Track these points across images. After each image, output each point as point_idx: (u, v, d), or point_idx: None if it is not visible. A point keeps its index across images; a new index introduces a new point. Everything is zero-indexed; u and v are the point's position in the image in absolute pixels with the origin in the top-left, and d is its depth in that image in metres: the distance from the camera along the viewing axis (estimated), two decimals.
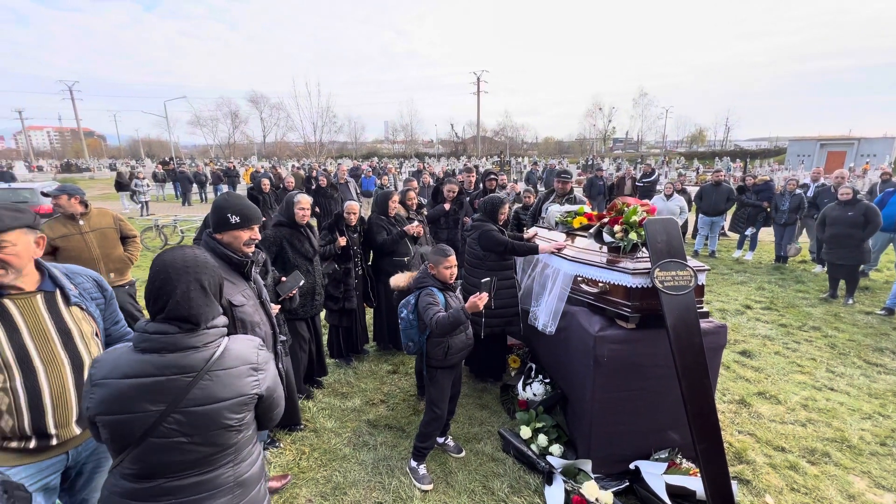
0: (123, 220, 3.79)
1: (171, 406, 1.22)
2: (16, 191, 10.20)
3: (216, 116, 53.13)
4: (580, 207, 3.67)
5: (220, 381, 1.27)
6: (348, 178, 10.22)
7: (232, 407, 1.28)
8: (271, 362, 1.45)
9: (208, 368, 1.26)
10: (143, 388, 1.22)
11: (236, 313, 1.85)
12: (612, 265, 2.60)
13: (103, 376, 1.24)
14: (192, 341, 1.26)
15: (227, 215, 1.88)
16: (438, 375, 2.63)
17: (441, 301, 2.53)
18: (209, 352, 1.28)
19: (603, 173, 11.16)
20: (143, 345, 1.25)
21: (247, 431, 1.37)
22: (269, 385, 1.40)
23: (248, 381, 1.33)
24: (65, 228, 3.51)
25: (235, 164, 21.92)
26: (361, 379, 3.82)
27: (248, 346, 1.38)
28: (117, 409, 1.22)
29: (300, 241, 3.21)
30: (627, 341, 2.47)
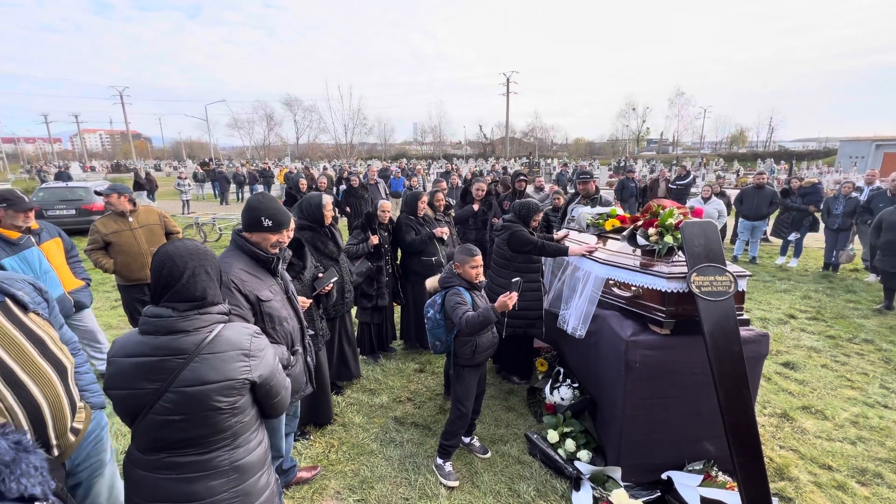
0: (168, 218, 4.02)
1: (165, 385, 1.31)
2: (72, 189, 10.94)
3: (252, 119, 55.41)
4: (612, 209, 3.60)
5: (208, 365, 1.34)
6: (378, 179, 10.38)
7: (220, 390, 1.34)
8: (267, 350, 1.49)
9: (198, 352, 1.33)
10: (141, 367, 1.32)
11: (264, 308, 1.92)
12: (647, 268, 2.54)
13: (113, 354, 1.36)
14: (183, 325, 1.35)
15: (260, 218, 1.95)
16: (465, 374, 2.64)
17: (468, 300, 2.54)
18: (200, 336, 1.36)
19: (635, 175, 10.89)
20: (143, 327, 1.36)
21: (242, 417, 1.42)
22: (263, 373, 1.44)
23: (238, 366, 1.38)
24: (116, 225, 3.76)
25: (270, 164, 22.66)
26: (389, 376, 3.88)
27: (242, 333, 1.43)
28: (121, 384, 1.33)
29: (323, 243, 3.27)
30: (661, 347, 2.41)
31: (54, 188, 11.15)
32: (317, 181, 9.07)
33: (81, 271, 3.52)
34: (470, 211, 5.16)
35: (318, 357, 2.88)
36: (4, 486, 0.74)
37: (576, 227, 3.97)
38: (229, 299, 1.81)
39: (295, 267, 2.65)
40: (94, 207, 10.56)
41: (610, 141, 63.29)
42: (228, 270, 1.87)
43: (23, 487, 0.76)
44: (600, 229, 3.42)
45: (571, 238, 3.60)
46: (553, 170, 27.13)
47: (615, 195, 10.58)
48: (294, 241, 2.65)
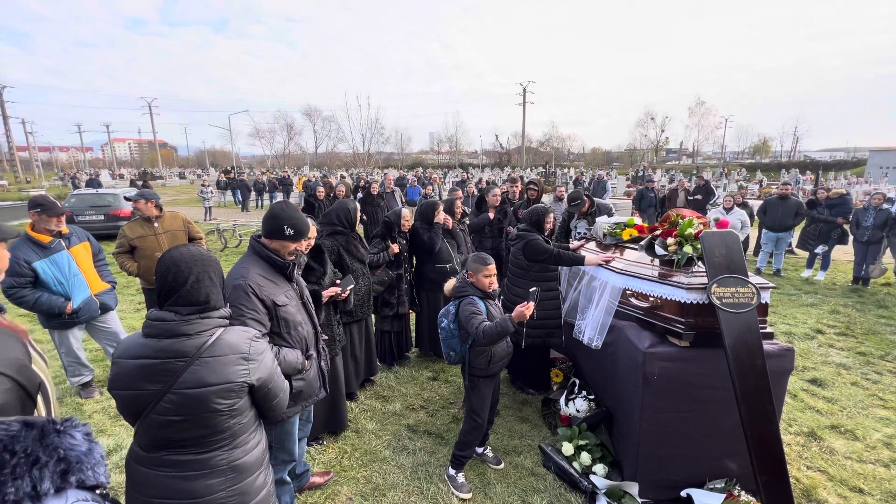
0: (192, 224, 4.15)
1: (166, 387, 1.34)
2: (101, 195, 11.37)
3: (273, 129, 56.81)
4: (629, 219, 3.55)
5: (209, 368, 1.37)
6: (395, 188, 10.50)
7: (220, 392, 1.38)
8: (266, 354, 1.53)
9: (199, 355, 1.37)
10: (143, 369, 1.35)
11: (280, 313, 1.94)
12: (665, 279, 2.50)
13: (118, 356, 1.40)
14: (185, 329, 1.38)
15: (282, 226, 1.99)
16: (481, 384, 2.62)
17: (483, 310, 2.52)
18: (201, 340, 1.39)
19: (654, 185, 10.74)
20: (146, 330, 1.40)
21: (241, 418, 1.45)
22: (262, 376, 1.48)
23: (237, 369, 1.42)
24: (142, 230, 3.91)
25: (290, 173, 23.15)
26: (402, 384, 3.87)
27: (241, 337, 1.47)
28: (124, 385, 1.36)
29: (355, 247, 3.35)
30: (680, 359, 2.35)
31: (84, 194, 11.61)
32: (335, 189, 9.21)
33: (108, 274, 3.64)
34: (486, 219, 5.16)
35: (334, 363, 2.90)
36: (84, 475, 0.79)
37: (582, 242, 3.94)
38: (246, 303, 1.84)
39: (316, 272, 2.69)
40: (122, 213, 10.96)
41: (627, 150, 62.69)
42: (246, 275, 1.90)
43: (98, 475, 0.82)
44: (617, 239, 3.38)
45: (588, 247, 3.56)
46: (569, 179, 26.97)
47: (633, 205, 10.46)
48: (314, 247, 2.69)
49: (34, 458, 0.73)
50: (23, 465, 0.72)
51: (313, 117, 57.13)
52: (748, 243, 8.43)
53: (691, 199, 9.79)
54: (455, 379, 3.94)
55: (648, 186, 10.42)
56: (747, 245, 8.42)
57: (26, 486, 0.71)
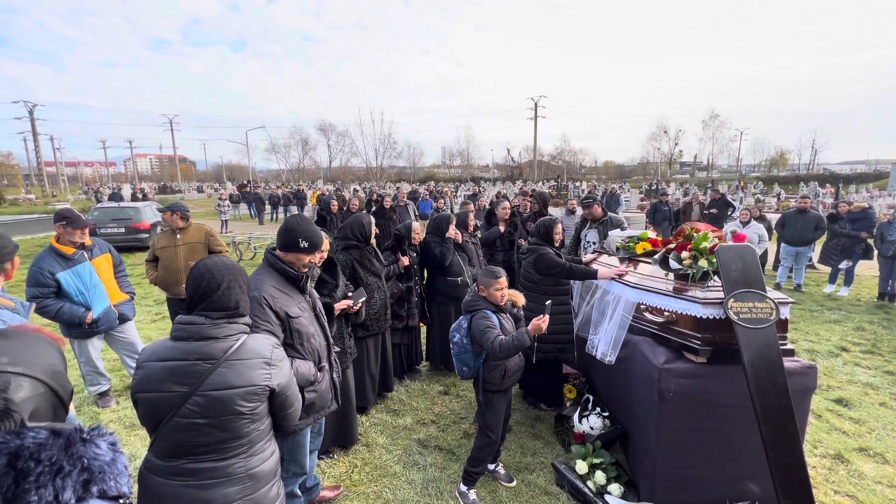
0: (214, 236, 4.24)
1: (192, 388, 1.37)
2: (123, 209, 11.74)
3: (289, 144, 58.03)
4: (643, 233, 3.53)
5: (234, 370, 1.41)
6: (408, 201, 10.60)
7: (244, 395, 1.41)
8: (285, 361, 1.57)
9: (226, 358, 1.41)
10: (171, 371, 1.39)
11: (293, 324, 1.96)
12: (680, 293, 2.46)
13: (144, 360, 1.44)
14: (214, 332, 1.43)
15: (297, 239, 2.02)
16: (495, 400, 2.59)
17: (496, 323, 2.51)
18: (228, 343, 1.44)
19: (668, 198, 10.68)
20: (176, 333, 1.44)
21: (259, 424, 1.48)
22: (282, 382, 1.52)
23: (260, 373, 1.46)
24: (166, 241, 4.06)
25: (304, 186, 23.58)
26: (413, 397, 3.85)
27: (264, 343, 1.52)
28: (151, 387, 1.39)
29: (369, 261, 3.37)
30: (697, 376, 2.30)
31: (107, 208, 12.00)
32: (348, 203, 9.34)
33: (127, 285, 3.74)
34: (496, 233, 5.17)
35: (346, 376, 2.90)
36: (106, 486, 0.79)
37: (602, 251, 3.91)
38: (260, 315, 1.87)
39: (328, 285, 2.72)
40: (142, 226, 11.28)
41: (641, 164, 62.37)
42: (260, 287, 1.93)
43: (120, 486, 0.82)
44: (631, 252, 3.35)
45: (601, 261, 3.54)
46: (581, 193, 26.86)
47: (647, 218, 10.37)
48: (327, 260, 2.72)
49: (58, 466, 0.74)
50: (46, 474, 0.73)
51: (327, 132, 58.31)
52: (766, 258, 8.24)
53: (706, 212, 9.67)
54: (466, 393, 3.90)
55: (662, 200, 10.37)
56: (765, 259, 8.24)
57: (48, 495, 0.72)
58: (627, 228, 4.39)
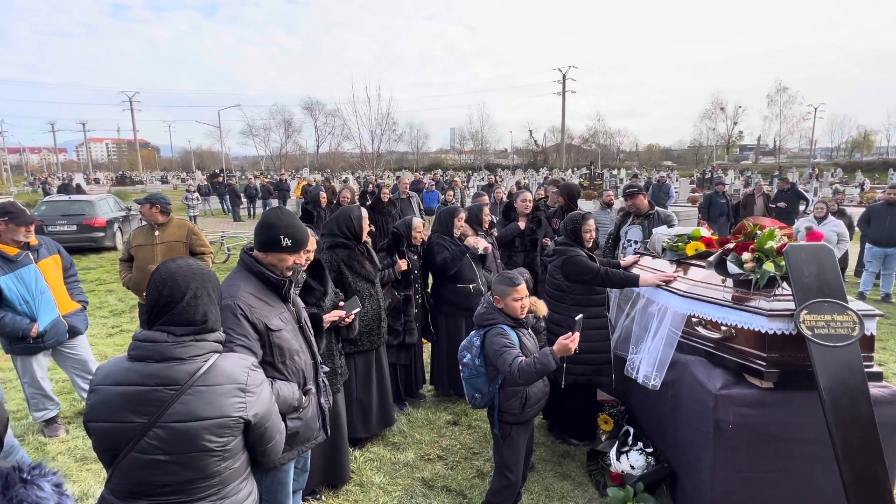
0: (198, 235, 4.32)
1: (152, 419, 1.37)
2: (74, 203, 11.96)
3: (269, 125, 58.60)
4: (695, 230, 3.50)
5: (202, 398, 1.41)
6: (411, 193, 10.62)
7: (212, 428, 1.40)
8: (264, 387, 1.57)
9: (192, 383, 1.41)
10: (128, 397, 1.39)
11: (273, 339, 1.97)
12: (741, 303, 2.45)
13: (98, 382, 1.45)
14: (177, 352, 1.42)
15: (278, 236, 2.03)
16: (514, 433, 2.58)
17: (515, 341, 2.49)
18: (195, 365, 1.43)
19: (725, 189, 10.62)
20: (134, 352, 1.44)
21: (233, 462, 1.48)
22: (259, 412, 1.51)
23: (233, 401, 1.45)
24: (142, 237, 4.18)
25: (287, 176, 23.82)
26: (416, 428, 3.86)
27: (239, 365, 1.52)
28: (105, 416, 1.40)
29: (359, 263, 3.36)
30: (762, 404, 2.29)
31: (56, 202, 12.22)
32: (339, 195, 9.40)
33: (79, 293, 3.80)
34: (515, 229, 5.16)
35: (336, 401, 2.91)
36: None
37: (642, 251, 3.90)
38: (234, 327, 1.88)
39: (315, 292, 2.73)
40: (97, 223, 11.48)
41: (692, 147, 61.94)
42: (235, 294, 1.95)
43: None
44: (680, 254, 3.33)
45: (642, 265, 3.52)
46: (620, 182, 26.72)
47: (700, 213, 10.31)
48: (313, 262, 2.74)
49: None
50: None
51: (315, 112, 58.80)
52: (847, 261, 8.12)
53: (773, 206, 9.56)
54: (480, 424, 3.90)
55: (718, 191, 10.29)
56: (846, 263, 8.12)
57: None
58: (677, 225, 4.36)
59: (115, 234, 12.05)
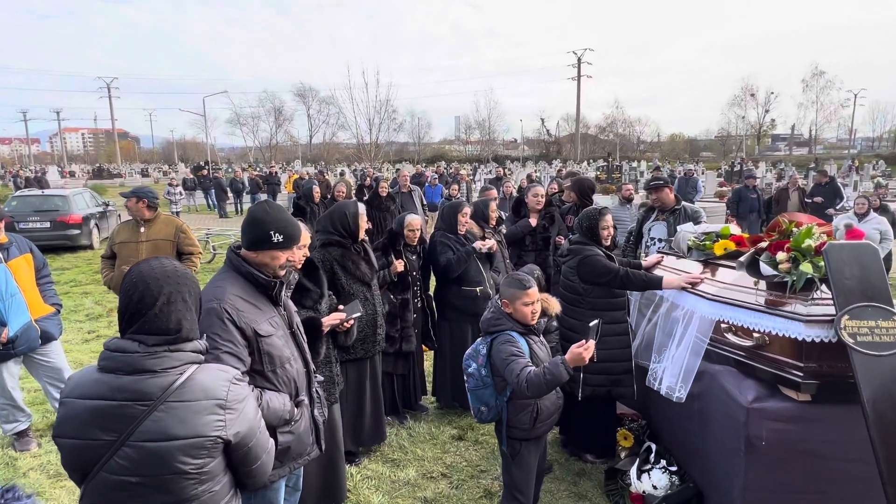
0: (186, 233, 4.35)
1: (122, 437, 1.36)
2: (47, 198, 12.03)
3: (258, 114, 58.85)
4: (725, 227, 3.48)
5: (175, 415, 1.39)
6: (413, 187, 10.62)
7: (187, 449, 1.39)
8: (248, 402, 1.54)
9: (165, 398, 1.39)
10: (96, 412, 1.38)
11: (263, 345, 1.97)
12: (775, 308, 2.44)
13: (67, 394, 1.44)
14: (149, 363, 1.41)
15: (268, 232, 2.02)
16: (524, 450, 2.58)
17: (525, 350, 2.49)
18: (169, 378, 1.41)
19: (756, 182, 10.57)
20: (102, 363, 1.43)
21: (212, 484, 1.46)
22: (242, 431, 1.49)
23: (210, 419, 1.42)
24: (127, 233, 4.21)
25: (277, 169, 23.91)
26: (418, 444, 3.86)
27: (218, 379, 1.50)
28: (71, 432, 1.39)
29: (355, 263, 3.36)
30: (798, 419, 2.29)
31: (28, 197, 12.30)
32: (334, 189, 9.40)
33: (52, 295, 3.82)
34: (526, 227, 5.16)
35: (331, 413, 2.91)
36: None
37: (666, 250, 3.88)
38: (220, 333, 1.88)
39: (311, 295, 2.73)
40: (72, 219, 11.54)
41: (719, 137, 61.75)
42: (221, 297, 1.95)
43: None
44: (707, 254, 3.32)
45: (665, 265, 3.50)
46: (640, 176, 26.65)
47: (728, 209, 10.28)
48: (308, 262, 2.74)
49: None
50: None
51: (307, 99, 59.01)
52: (891, 261, 8.06)
53: (809, 201, 9.52)
54: (488, 439, 3.90)
55: (749, 185, 10.27)
56: (889, 263, 8.05)
57: None
58: (704, 222, 4.33)
59: (92, 232, 12.13)
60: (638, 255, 4.61)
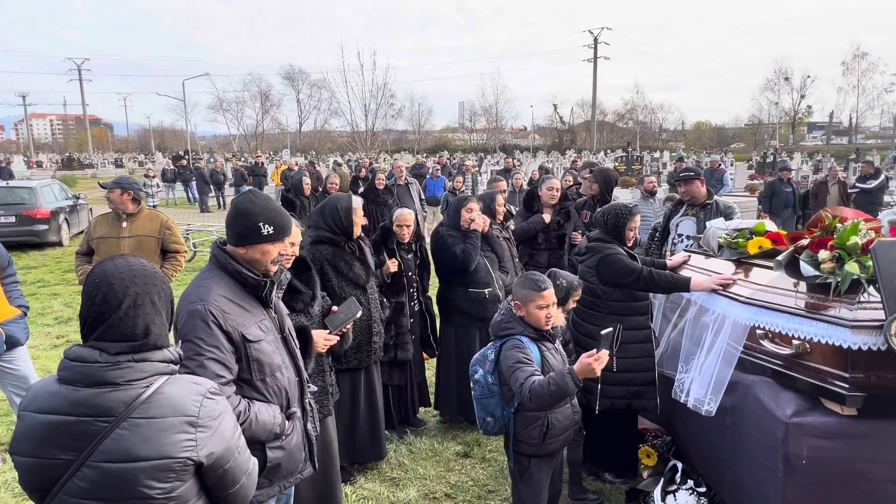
0: (172, 230, 4.37)
1: (81, 457, 1.34)
2: (12, 190, 12.08)
3: (242, 99, 58.98)
4: (759, 223, 3.47)
5: (139, 434, 1.35)
6: (411, 180, 10.63)
7: (152, 471, 1.35)
8: (225, 418, 1.50)
9: (128, 414, 1.36)
10: (53, 428, 1.36)
11: (251, 351, 1.96)
12: (817, 312, 2.43)
13: (24, 407, 1.42)
14: (111, 375, 1.37)
15: (257, 224, 2.00)
16: (533, 468, 2.58)
17: (535, 357, 2.50)
18: (132, 392, 1.38)
19: (791, 175, 10.58)
20: (61, 372, 1.41)
21: None
22: (216, 451, 1.45)
23: (179, 438, 1.38)
24: (107, 228, 4.22)
25: (264, 159, 23.95)
26: (419, 461, 3.86)
27: (190, 393, 1.45)
28: (27, 449, 1.37)
29: (348, 263, 3.35)
30: (843, 436, 2.28)
31: None
32: (325, 182, 9.43)
33: (18, 297, 3.82)
34: (539, 222, 5.15)
35: (325, 427, 2.91)
36: None
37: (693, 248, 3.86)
38: (205, 338, 1.87)
39: (302, 297, 2.72)
40: (39, 214, 11.58)
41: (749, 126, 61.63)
42: (206, 297, 1.94)
43: None
44: (740, 252, 3.31)
45: (693, 265, 3.49)
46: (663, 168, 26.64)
47: (760, 205, 10.28)
48: (297, 260, 2.73)
49: None
50: None
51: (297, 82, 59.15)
52: None
53: (850, 194, 9.52)
54: (496, 456, 3.90)
55: (783, 177, 10.29)
56: None
57: None
58: (737, 217, 4.31)
59: (61, 228, 12.18)
60: (664, 254, 4.60)
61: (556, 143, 55.62)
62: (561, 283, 3.01)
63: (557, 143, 55.37)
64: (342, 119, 50.86)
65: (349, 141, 48.88)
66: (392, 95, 49.23)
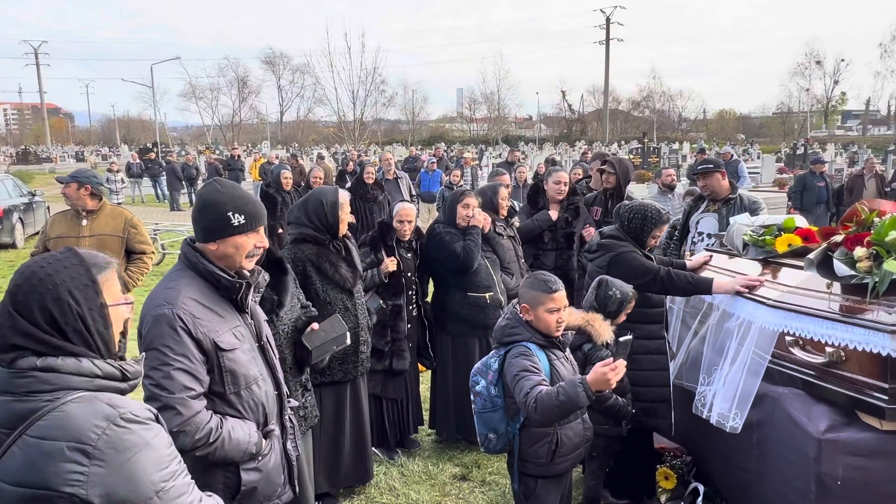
0: (137, 229, 4.37)
1: None
2: None
3: (217, 85, 58.91)
4: (789, 219, 3.47)
5: (25, 455, 1.28)
6: (400, 174, 10.65)
7: (33, 502, 1.27)
8: (140, 456, 1.35)
9: (25, 431, 1.29)
10: None
11: (224, 360, 1.96)
12: (853, 316, 2.44)
13: None
14: (12, 384, 1.33)
15: (227, 214, 2.00)
16: (540, 490, 2.58)
17: (544, 366, 2.50)
18: (33, 405, 1.31)
19: (824, 168, 10.63)
20: None
21: None
22: (116, 494, 1.30)
23: (64, 469, 1.26)
24: (65, 227, 4.22)
25: (241, 152, 23.94)
26: (411, 484, 3.86)
27: (92, 415, 1.33)
28: None
29: (333, 264, 3.34)
30: (881, 454, 2.28)
31: None
32: (308, 176, 9.42)
33: None
34: (545, 220, 5.16)
35: (306, 446, 2.91)
36: None
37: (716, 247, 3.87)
38: (172, 345, 1.87)
39: (264, 303, 2.70)
40: None
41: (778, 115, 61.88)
42: (174, 300, 1.94)
43: None
44: (767, 251, 3.32)
45: (715, 266, 3.50)
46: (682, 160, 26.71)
47: (790, 201, 10.34)
48: (273, 260, 2.72)
49: None
50: None
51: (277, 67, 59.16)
52: None
53: (889, 189, 9.57)
54: (497, 479, 3.90)
55: (815, 171, 10.35)
56: None
57: None
58: (763, 213, 4.33)
59: (15, 227, 12.17)
60: (682, 254, 4.60)
61: (565, 134, 55.86)
62: (614, 293, 3.00)
63: (566, 134, 55.61)
64: (328, 108, 50.56)
65: (335, 132, 48.78)
66: (383, 81, 49.00)
